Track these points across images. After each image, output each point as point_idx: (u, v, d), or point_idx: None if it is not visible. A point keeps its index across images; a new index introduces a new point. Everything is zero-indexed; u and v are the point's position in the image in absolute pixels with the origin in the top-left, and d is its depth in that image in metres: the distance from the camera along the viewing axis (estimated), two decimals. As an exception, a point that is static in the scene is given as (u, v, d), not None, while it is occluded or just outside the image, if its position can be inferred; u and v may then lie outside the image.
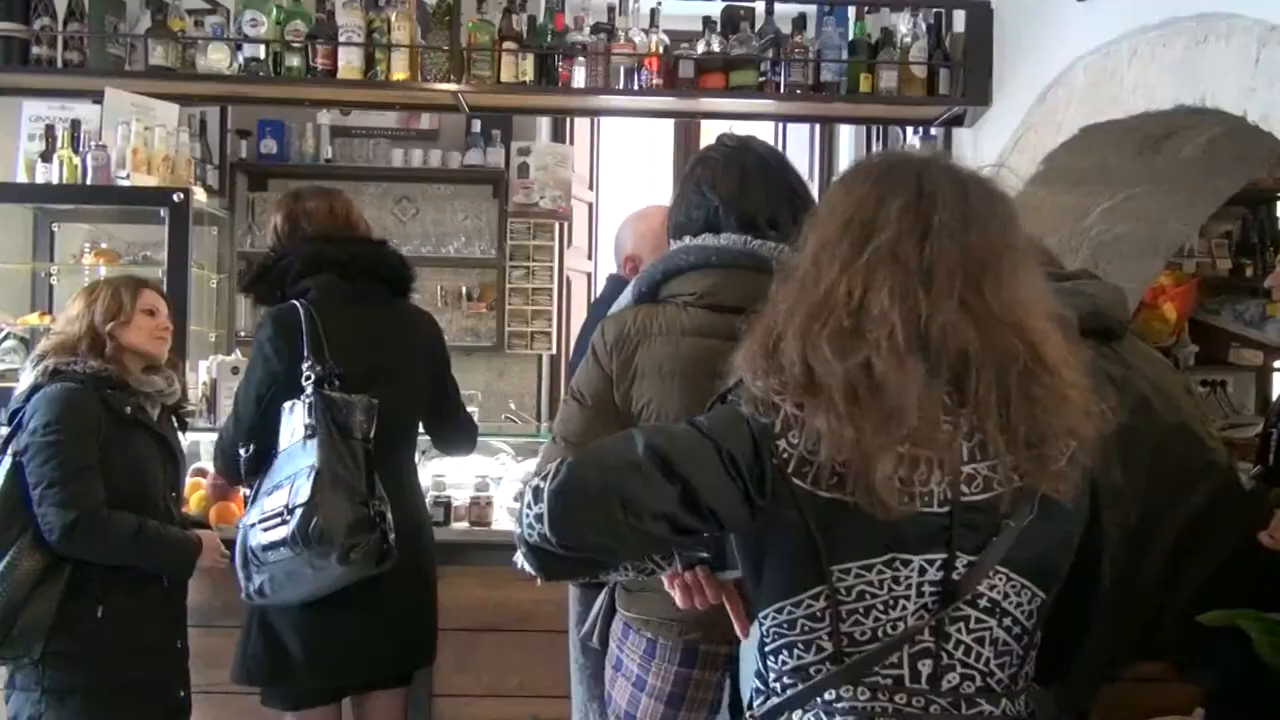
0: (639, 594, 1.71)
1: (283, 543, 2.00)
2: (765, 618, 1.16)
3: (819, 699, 1.10)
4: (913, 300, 1.06)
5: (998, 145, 3.16)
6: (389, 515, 2.10)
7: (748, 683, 1.23)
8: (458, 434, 2.47)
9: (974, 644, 1.09)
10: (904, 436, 1.04)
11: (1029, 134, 2.90)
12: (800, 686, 1.11)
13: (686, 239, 1.74)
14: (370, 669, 2.24)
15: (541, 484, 1.11)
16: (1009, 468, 1.07)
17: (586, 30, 3.35)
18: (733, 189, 1.73)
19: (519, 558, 2.10)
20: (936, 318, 1.06)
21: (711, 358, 1.65)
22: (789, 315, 1.12)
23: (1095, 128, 2.48)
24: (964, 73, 3.30)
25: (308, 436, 2.07)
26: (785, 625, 1.13)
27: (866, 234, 1.10)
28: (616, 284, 2.31)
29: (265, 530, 2.03)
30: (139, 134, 3.07)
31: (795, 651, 1.13)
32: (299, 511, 2.00)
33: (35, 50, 3.22)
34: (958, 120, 3.49)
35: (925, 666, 1.09)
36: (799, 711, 1.12)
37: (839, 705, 1.10)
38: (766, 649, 1.16)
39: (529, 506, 1.12)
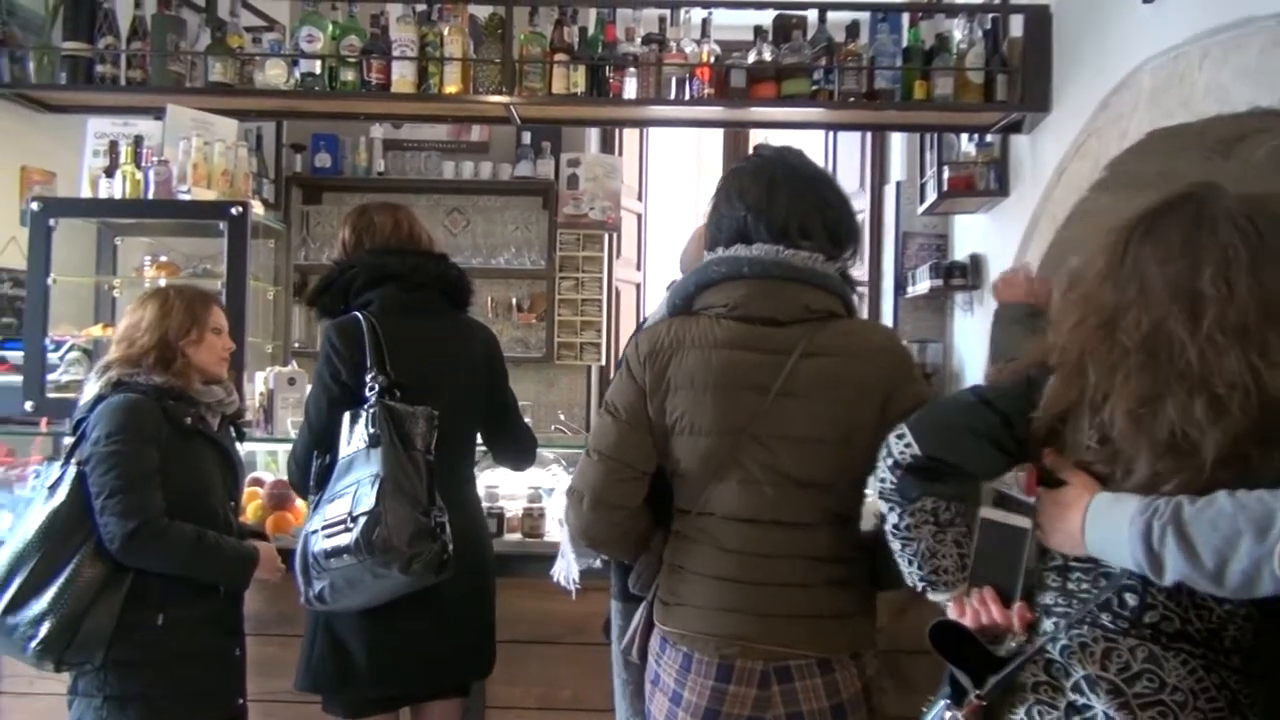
0: (675, 608, 1.69)
1: (346, 549, 2.01)
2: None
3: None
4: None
5: (1058, 151, 3.09)
6: (448, 526, 2.10)
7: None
8: (516, 447, 2.46)
9: (1174, 590, 1.26)
10: None
11: (1091, 140, 2.83)
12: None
13: (719, 250, 1.73)
14: (432, 677, 2.24)
15: (901, 429, 1.44)
16: None
17: (638, 41, 3.35)
18: (761, 198, 1.71)
19: (556, 570, 2.11)
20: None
21: (744, 369, 1.64)
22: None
23: (1162, 132, 2.41)
24: (1022, 78, 3.24)
25: (371, 445, 2.07)
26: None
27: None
28: None
29: (328, 537, 2.04)
30: (199, 149, 3.12)
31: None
32: (363, 520, 2.00)
33: (99, 69, 3.31)
34: (1015, 127, 3.42)
35: (1131, 599, 1.31)
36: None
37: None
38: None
39: (895, 444, 1.44)
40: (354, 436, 2.11)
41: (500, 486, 2.86)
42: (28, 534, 2.10)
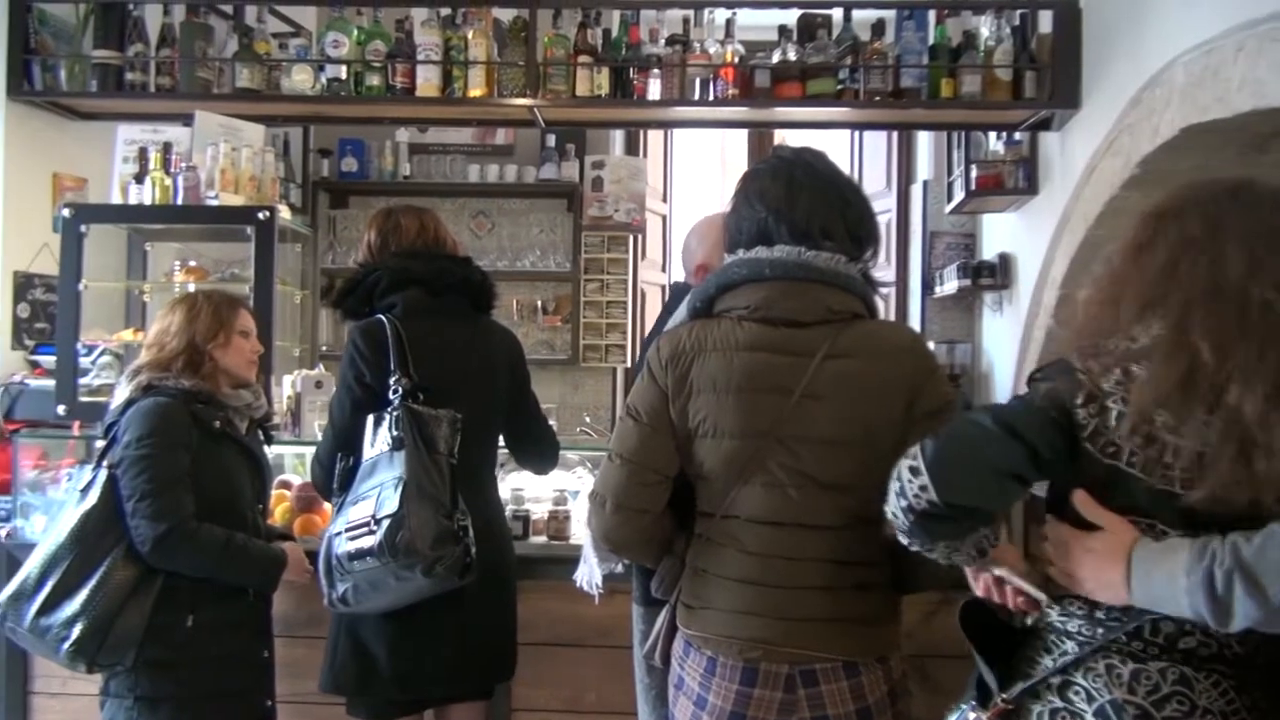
0: (699, 611, 1.68)
1: (369, 552, 2.02)
2: None
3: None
4: None
5: (1088, 149, 3.05)
6: (470, 529, 2.10)
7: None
8: (538, 450, 2.46)
9: None
10: None
11: (1122, 137, 2.79)
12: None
13: (740, 252, 1.72)
14: (453, 681, 2.24)
15: (915, 462, 1.31)
16: None
17: (661, 42, 3.34)
18: (781, 199, 1.70)
19: (579, 575, 2.10)
20: None
21: (767, 371, 1.63)
22: None
23: (1196, 128, 2.36)
24: (1051, 75, 3.20)
25: (395, 448, 2.08)
26: None
27: None
28: (682, 293, 2.28)
29: (351, 539, 2.05)
30: (227, 155, 3.15)
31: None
32: (386, 522, 2.01)
33: (129, 76, 3.35)
34: (1045, 124, 3.38)
35: (1167, 626, 1.25)
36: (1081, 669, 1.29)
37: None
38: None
39: (910, 482, 1.31)
40: (377, 439, 2.12)
41: (526, 489, 2.87)
42: (60, 536, 2.13)
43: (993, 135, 3.86)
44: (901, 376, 1.64)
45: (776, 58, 3.31)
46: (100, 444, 2.26)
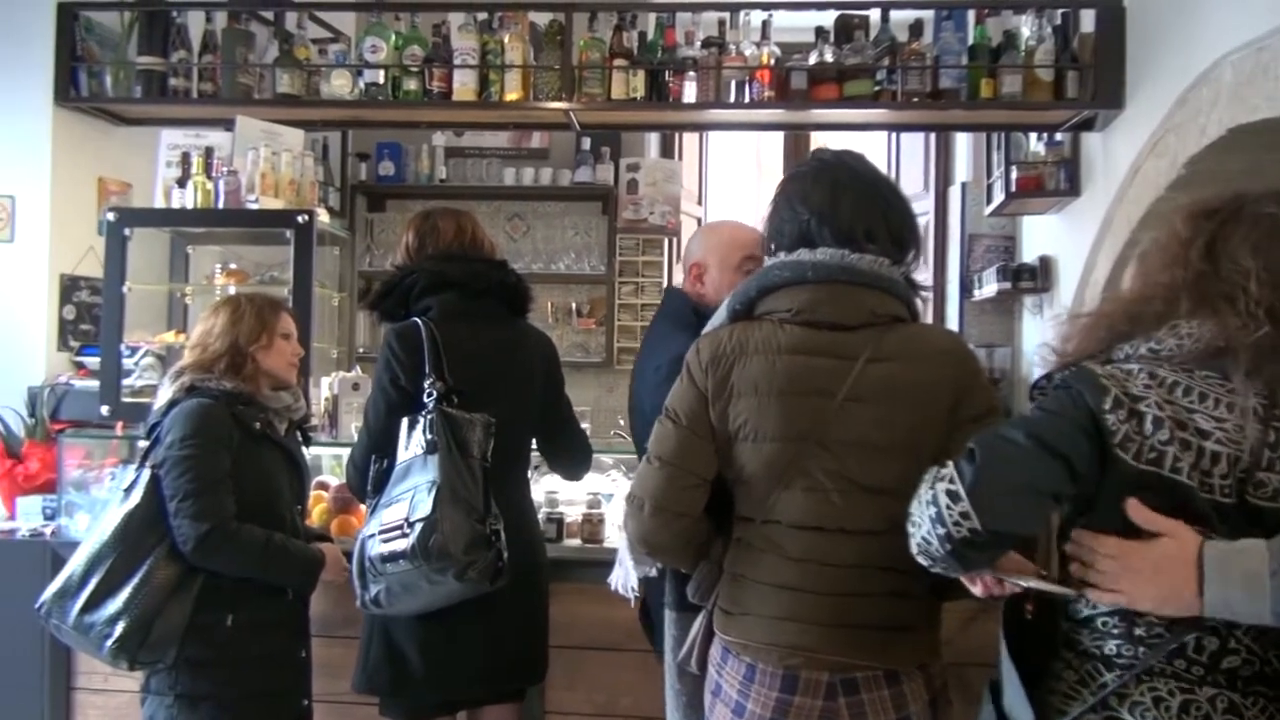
0: (738, 617, 1.67)
1: (402, 555, 2.02)
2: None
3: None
4: None
5: (1132, 150, 2.99)
6: (503, 534, 2.11)
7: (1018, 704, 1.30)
8: (571, 456, 2.46)
9: (1260, 631, 1.18)
10: None
11: (1168, 137, 2.73)
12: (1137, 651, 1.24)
13: (781, 255, 1.70)
14: (485, 683, 2.25)
15: (954, 486, 1.24)
16: None
17: (697, 45, 3.33)
18: (824, 203, 1.68)
19: (613, 578, 2.09)
20: None
21: (809, 375, 1.61)
22: None
23: (1246, 128, 2.31)
24: (1094, 74, 3.15)
25: (429, 452, 2.09)
26: None
27: None
28: (675, 297, 2.27)
29: (385, 542, 2.06)
30: (267, 159, 3.19)
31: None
32: (419, 526, 2.02)
33: (172, 82, 3.41)
34: (1087, 125, 3.33)
35: (1212, 643, 1.21)
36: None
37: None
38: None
39: (948, 509, 1.24)
40: (411, 442, 2.13)
41: (560, 491, 2.86)
42: (104, 535, 2.17)
43: (1033, 136, 3.81)
44: (945, 380, 1.62)
45: (813, 59, 3.29)
46: (143, 444, 2.30)
